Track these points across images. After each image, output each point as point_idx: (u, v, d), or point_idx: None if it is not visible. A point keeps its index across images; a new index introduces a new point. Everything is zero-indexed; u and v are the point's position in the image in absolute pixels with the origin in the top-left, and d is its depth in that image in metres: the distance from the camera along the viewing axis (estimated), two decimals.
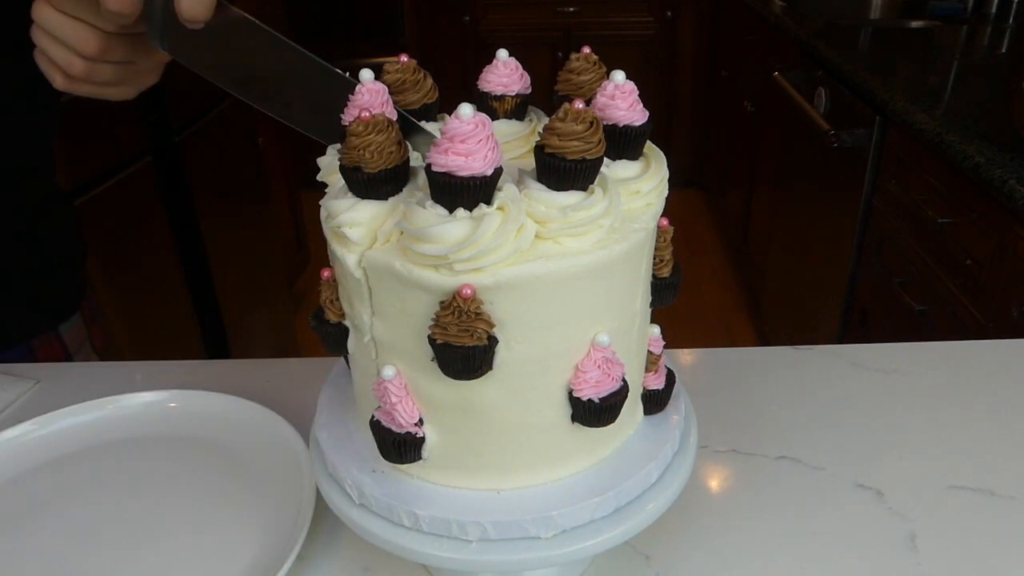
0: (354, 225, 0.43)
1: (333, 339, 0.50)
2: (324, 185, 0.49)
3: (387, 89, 0.47)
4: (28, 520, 0.63)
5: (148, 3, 0.51)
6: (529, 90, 0.52)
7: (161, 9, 0.51)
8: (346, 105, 0.45)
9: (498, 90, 0.51)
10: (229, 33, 0.51)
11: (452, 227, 0.40)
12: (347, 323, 0.49)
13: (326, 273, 0.49)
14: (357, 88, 0.45)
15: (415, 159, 0.46)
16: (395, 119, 0.45)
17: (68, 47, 0.52)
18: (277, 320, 2.48)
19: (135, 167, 1.71)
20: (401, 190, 0.44)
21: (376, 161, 0.42)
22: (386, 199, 0.44)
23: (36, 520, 0.63)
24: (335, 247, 0.45)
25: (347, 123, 0.44)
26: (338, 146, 0.46)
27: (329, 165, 0.48)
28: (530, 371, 0.45)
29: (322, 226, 0.46)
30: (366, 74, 0.46)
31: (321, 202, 0.46)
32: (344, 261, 0.44)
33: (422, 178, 0.45)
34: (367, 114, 0.42)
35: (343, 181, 0.44)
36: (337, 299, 0.49)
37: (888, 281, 1.63)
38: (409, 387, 0.46)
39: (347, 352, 0.51)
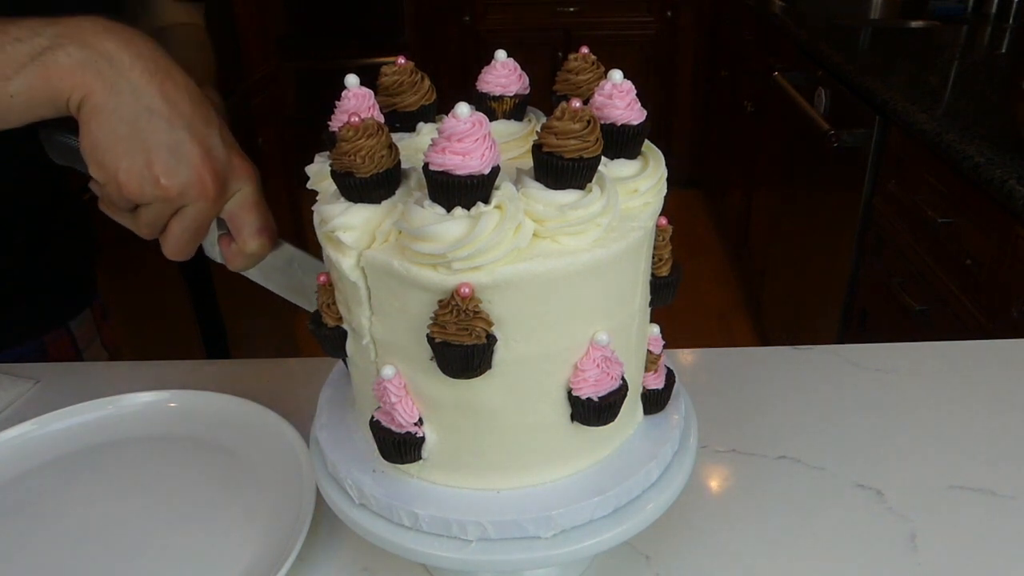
0: (347, 229, 0.43)
1: (331, 342, 0.50)
2: None
3: (373, 94, 0.47)
4: (28, 520, 0.63)
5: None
6: (528, 91, 0.52)
7: (216, 242, 0.60)
8: None
9: (496, 91, 0.51)
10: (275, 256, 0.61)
11: (450, 226, 0.40)
12: (345, 326, 0.49)
13: (322, 278, 0.49)
14: (343, 93, 0.45)
15: (407, 161, 0.46)
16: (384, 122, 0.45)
17: None
18: (277, 320, 2.48)
19: None
20: (394, 193, 0.44)
21: (367, 166, 0.42)
22: (379, 203, 0.44)
23: (36, 520, 0.63)
24: (330, 252, 0.45)
25: (336, 129, 0.44)
26: (327, 152, 0.46)
27: (319, 172, 0.48)
28: (529, 370, 0.44)
29: (316, 231, 0.46)
30: (351, 79, 0.46)
31: (313, 207, 0.46)
32: (339, 265, 0.44)
33: (414, 180, 0.45)
34: (356, 119, 0.42)
35: (335, 186, 0.44)
36: (334, 303, 0.49)
37: (888, 281, 1.63)
38: (408, 387, 0.46)
39: (346, 355, 0.51)
